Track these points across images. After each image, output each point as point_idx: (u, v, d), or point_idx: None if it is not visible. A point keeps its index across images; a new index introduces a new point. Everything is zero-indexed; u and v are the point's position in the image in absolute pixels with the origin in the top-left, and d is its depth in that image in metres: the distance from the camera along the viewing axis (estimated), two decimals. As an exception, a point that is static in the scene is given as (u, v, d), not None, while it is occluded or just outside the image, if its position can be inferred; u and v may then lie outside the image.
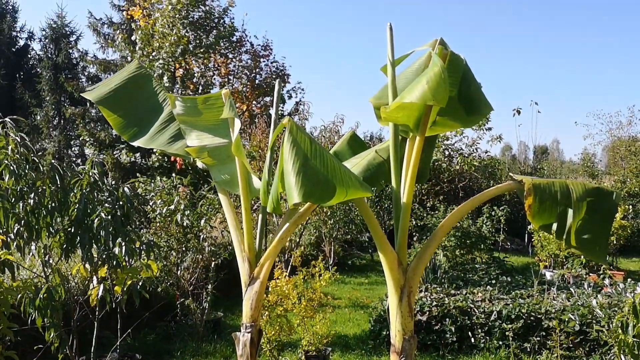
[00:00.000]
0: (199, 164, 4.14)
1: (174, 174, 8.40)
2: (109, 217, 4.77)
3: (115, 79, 4.15)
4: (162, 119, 4.00)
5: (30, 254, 4.73)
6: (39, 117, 23.24)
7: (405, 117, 3.27)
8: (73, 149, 23.96)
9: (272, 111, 3.69)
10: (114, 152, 18.22)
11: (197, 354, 6.72)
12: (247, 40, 19.99)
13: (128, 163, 18.13)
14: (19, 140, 4.55)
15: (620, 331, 3.87)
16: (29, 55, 26.21)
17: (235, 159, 3.66)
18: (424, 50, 3.48)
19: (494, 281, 8.96)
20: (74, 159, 23.51)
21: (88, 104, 23.71)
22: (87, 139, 20.30)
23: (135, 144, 3.97)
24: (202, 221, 7.26)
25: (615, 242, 11.74)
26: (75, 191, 4.81)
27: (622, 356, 4.00)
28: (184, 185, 7.97)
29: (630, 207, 15.54)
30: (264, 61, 20.16)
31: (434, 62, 2.86)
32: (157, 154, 17.64)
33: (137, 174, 13.30)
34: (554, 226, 3.06)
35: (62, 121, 23.69)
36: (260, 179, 3.75)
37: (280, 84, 3.69)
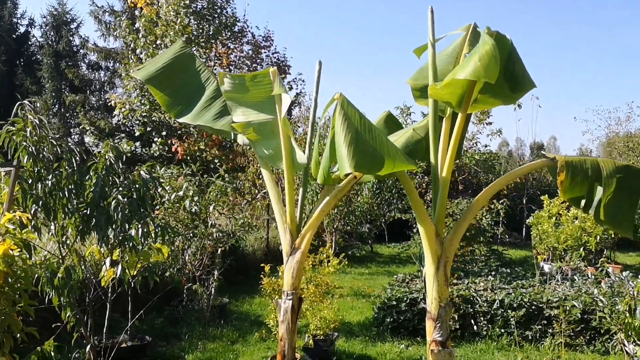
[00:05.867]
0: (240, 140, 4.22)
1: (172, 164, 8.41)
2: (125, 199, 4.84)
3: (162, 58, 4.26)
4: (206, 97, 4.10)
5: (50, 233, 4.80)
6: (38, 105, 23.15)
7: (448, 95, 3.40)
8: (73, 136, 23.92)
9: (313, 90, 3.81)
10: (114, 141, 18.20)
11: (205, 337, 6.82)
12: (249, 31, 19.97)
13: (128, 152, 18.12)
14: (37, 122, 4.61)
15: (627, 315, 4.01)
16: (30, 42, 26.09)
17: (279, 134, 3.75)
18: (458, 34, 3.58)
19: (494, 272, 9.11)
20: (73, 147, 23.51)
21: (88, 91, 23.73)
22: (87, 127, 20.33)
23: (182, 120, 4.08)
24: (211, 207, 7.35)
25: (613, 236, 11.88)
26: (91, 174, 4.89)
27: (627, 340, 4.13)
28: (186, 175, 8.00)
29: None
30: (265, 52, 20.15)
31: (485, 41, 2.98)
32: (157, 144, 17.66)
33: (138, 163, 13.30)
34: (583, 201, 3.18)
35: (62, 109, 23.66)
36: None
37: (321, 64, 3.79)
